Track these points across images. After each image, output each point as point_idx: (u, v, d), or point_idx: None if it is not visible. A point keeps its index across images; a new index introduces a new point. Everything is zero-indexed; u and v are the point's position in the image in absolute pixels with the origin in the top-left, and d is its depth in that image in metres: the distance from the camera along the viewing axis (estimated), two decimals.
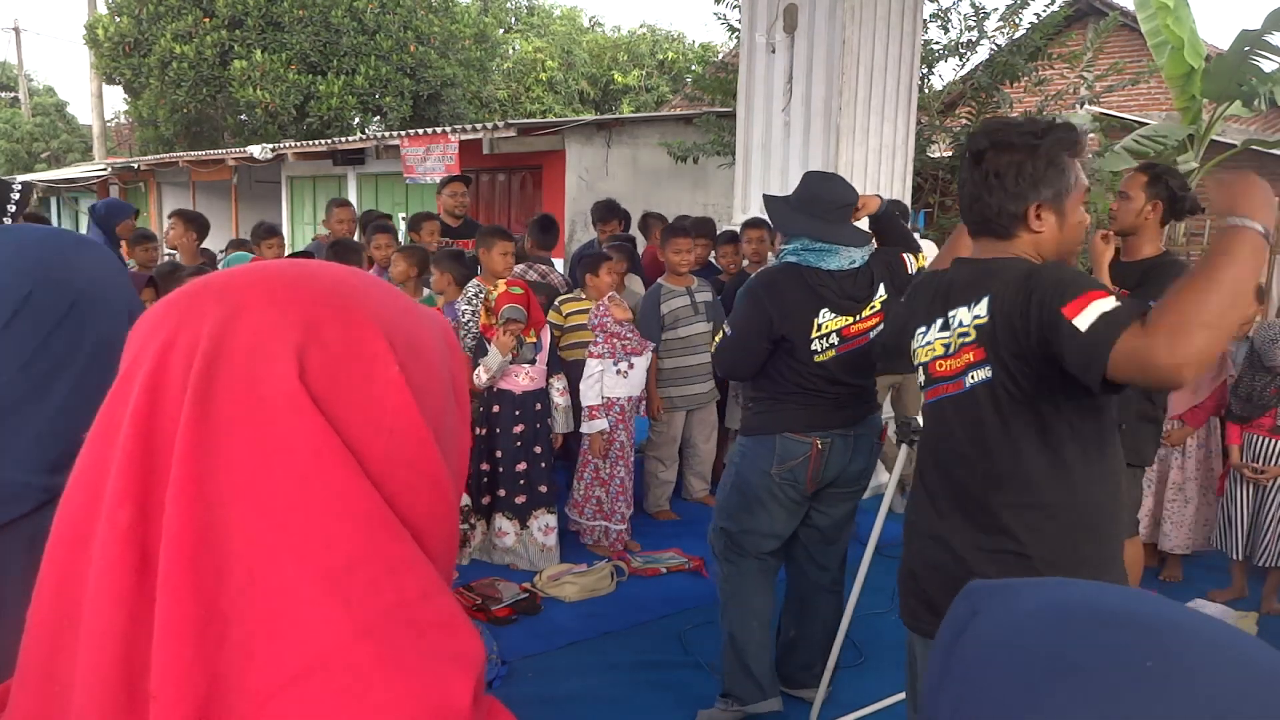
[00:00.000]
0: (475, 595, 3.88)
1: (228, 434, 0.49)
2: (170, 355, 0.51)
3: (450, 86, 18.84)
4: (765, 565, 2.99)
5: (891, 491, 3.04)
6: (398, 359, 0.54)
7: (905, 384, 5.20)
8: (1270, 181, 6.28)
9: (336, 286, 0.55)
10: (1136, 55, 11.88)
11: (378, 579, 0.49)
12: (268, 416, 0.50)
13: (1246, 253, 1.45)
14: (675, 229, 5.05)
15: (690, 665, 3.47)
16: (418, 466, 0.54)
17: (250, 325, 0.51)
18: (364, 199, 13.49)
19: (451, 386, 0.60)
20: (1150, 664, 0.42)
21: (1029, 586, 0.50)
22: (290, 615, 0.47)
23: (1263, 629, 3.87)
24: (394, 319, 0.56)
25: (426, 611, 0.51)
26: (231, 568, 0.48)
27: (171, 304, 0.54)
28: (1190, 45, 9.04)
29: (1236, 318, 1.44)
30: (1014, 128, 1.78)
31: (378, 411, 0.53)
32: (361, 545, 0.49)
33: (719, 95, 10.02)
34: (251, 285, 0.54)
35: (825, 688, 3.06)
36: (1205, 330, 1.39)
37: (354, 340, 0.53)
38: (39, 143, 30.39)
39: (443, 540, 0.57)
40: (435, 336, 0.60)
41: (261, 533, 0.48)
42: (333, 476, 0.50)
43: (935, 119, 8.89)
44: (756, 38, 6.01)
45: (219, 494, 0.48)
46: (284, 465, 0.49)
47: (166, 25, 17.18)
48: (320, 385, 0.51)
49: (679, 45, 24.57)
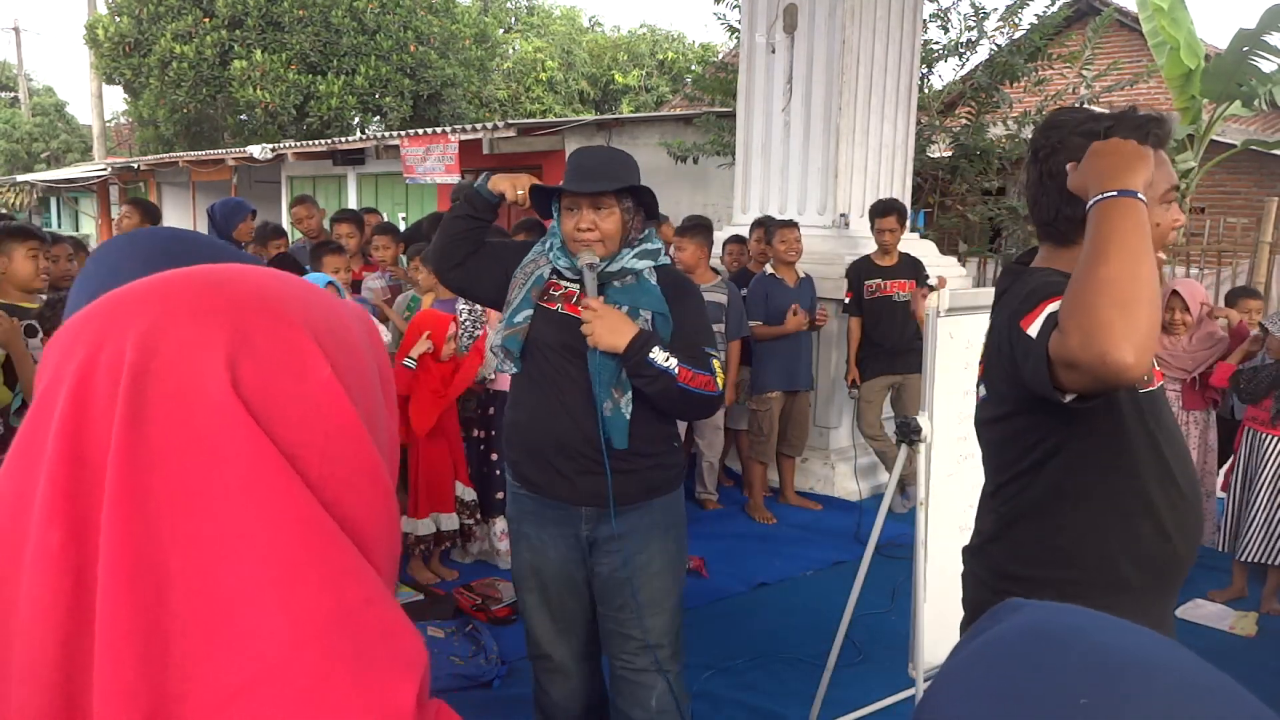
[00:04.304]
0: (475, 595, 3.88)
1: (162, 449, 0.48)
2: (94, 371, 0.50)
3: (450, 86, 18.84)
4: None
5: (891, 491, 3.03)
6: (329, 359, 0.53)
7: (905, 384, 5.20)
8: (1270, 181, 6.30)
9: (260, 291, 0.54)
10: (1136, 55, 11.88)
11: (319, 587, 0.49)
12: (202, 429, 0.49)
13: (1118, 220, 1.35)
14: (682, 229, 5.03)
15: (690, 665, 3.46)
16: (356, 464, 0.54)
17: (177, 337, 0.50)
18: (364, 199, 13.48)
19: (378, 377, 0.59)
20: (1084, 702, 0.42)
21: (1039, 609, 0.51)
22: (233, 628, 0.47)
23: (1263, 629, 3.87)
24: (320, 319, 0.55)
25: (368, 618, 0.50)
26: (173, 584, 0.47)
27: (89, 318, 0.53)
28: (1188, 46, 9.05)
29: (1146, 288, 1.31)
30: (1075, 119, 1.61)
31: (314, 415, 0.52)
32: (302, 554, 0.49)
33: (719, 95, 10.02)
34: (173, 295, 0.52)
35: (825, 687, 3.06)
36: (1117, 310, 1.27)
37: (284, 344, 0.52)
38: (39, 143, 30.38)
39: (385, 537, 0.56)
40: (358, 330, 0.59)
41: (201, 547, 0.48)
42: (271, 486, 0.49)
43: (935, 119, 8.89)
44: (756, 38, 6.01)
45: (157, 510, 0.48)
46: (221, 477, 0.49)
47: (166, 25, 17.18)
48: (254, 393, 0.50)
49: (679, 45, 24.58)
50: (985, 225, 9.59)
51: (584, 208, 2.19)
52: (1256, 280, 6.98)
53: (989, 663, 0.47)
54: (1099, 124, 1.55)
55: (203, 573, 0.47)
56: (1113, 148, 1.45)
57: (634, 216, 2.25)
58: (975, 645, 0.50)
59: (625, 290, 2.21)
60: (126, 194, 17.14)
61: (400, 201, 12.96)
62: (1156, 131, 1.54)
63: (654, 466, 2.27)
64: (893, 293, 5.15)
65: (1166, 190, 1.57)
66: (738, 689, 3.30)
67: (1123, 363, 1.25)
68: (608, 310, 2.12)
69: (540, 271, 2.27)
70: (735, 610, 3.99)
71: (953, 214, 9.36)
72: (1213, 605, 4.06)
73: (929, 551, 2.75)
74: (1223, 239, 8.18)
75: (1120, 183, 1.39)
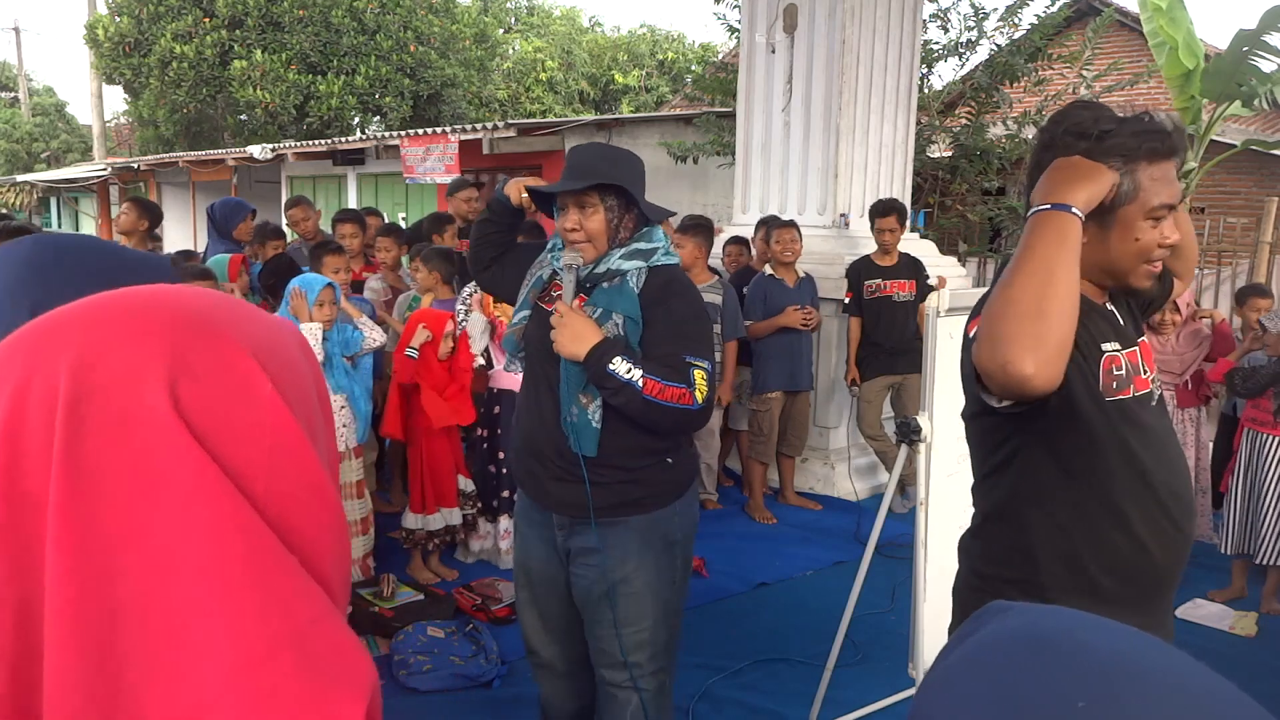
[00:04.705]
0: (475, 595, 3.88)
1: (103, 476, 0.48)
2: (26, 400, 0.49)
3: (450, 86, 18.84)
4: None
5: (891, 491, 3.03)
6: (269, 376, 0.53)
7: (905, 384, 5.20)
8: (1270, 181, 6.31)
9: (196, 310, 0.54)
10: (1136, 55, 11.88)
11: (267, 608, 0.49)
12: (143, 452, 0.48)
13: (1041, 233, 1.36)
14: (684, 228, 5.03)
15: (690, 665, 3.47)
16: (301, 479, 0.54)
17: (114, 361, 0.49)
18: (364, 199, 13.48)
19: (315, 389, 0.59)
20: (1081, 704, 0.42)
21: (1026, 612, 0.50)
22: (183, 652, 0.47)
23: (1263, 629, 3.87)
24: (257, 335, 0.55)
25: (316, 637, 0.50)
26: (124, 610, 0.47)
27: (17, 344, 0.52)
28: (1186, 46, 9.06)
29: (1057, 302, 1.30)
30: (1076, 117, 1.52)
31: (257, 431, 0.52)
32: (248, 574, 0.49)
33: (719, 95, 10.02)
34: (106, 320, 0.51)
35: (824, 687, 3.06)
36: (1022, 322, 1.28)
37: (224, 363, 0.52)
38: (39, 143, 30.38)
39: (333, 551, 0.56)
40: (294, 345, 0.59)
41: (148, 572, 0.47)
42: (215, 507, 0.49)
43: (935, 119, 8.89)
44: (756, 38, 6.01)
45: (102, 538, 0.47)
46: (165, 501, 0.48)
47: (166, 25, 17.18)
48: (196, 414, 0.50)
49: (679, 45, 24.57)
50: (985, 225, 9.59)
51: (570, 207, 2.15)
52: (1256, 280, 6.98)
53: (980, 667, 0.47)
54: (1097, 125, 1.49)
55: (151, 598, 0.47)
56: (1067, 163, 1.45)
57: (620, 215, 2.15)
58: (964, 649, 0.49)
59: (605, 293, 2.13)
60: (126, 194, 17.12)
61: (400, 201, 12.96)
62: (1153, 145, 1.48)
63: (630, 481, 2.15)
64: (893, 293, 5.15)
65: (1156, 206, 1.48)
66: (738, 689, 3.30)
67: (1022, 374, 1.27)
68: (573, 317, 2.05)
69: (541, 272, 2.26)
70: (735, 610, 3.99)
71: (953, 214, 9.36)
72: (1213, 605, 4.06)
73: (929, 551, 2.75)
74: (1223, 239, 8.18)
75: (1056, 196, 1.39)
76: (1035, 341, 1.27)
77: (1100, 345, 1.54)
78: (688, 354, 2.07)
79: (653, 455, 2.18)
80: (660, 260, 2.17)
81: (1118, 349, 1.57)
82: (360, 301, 4.63)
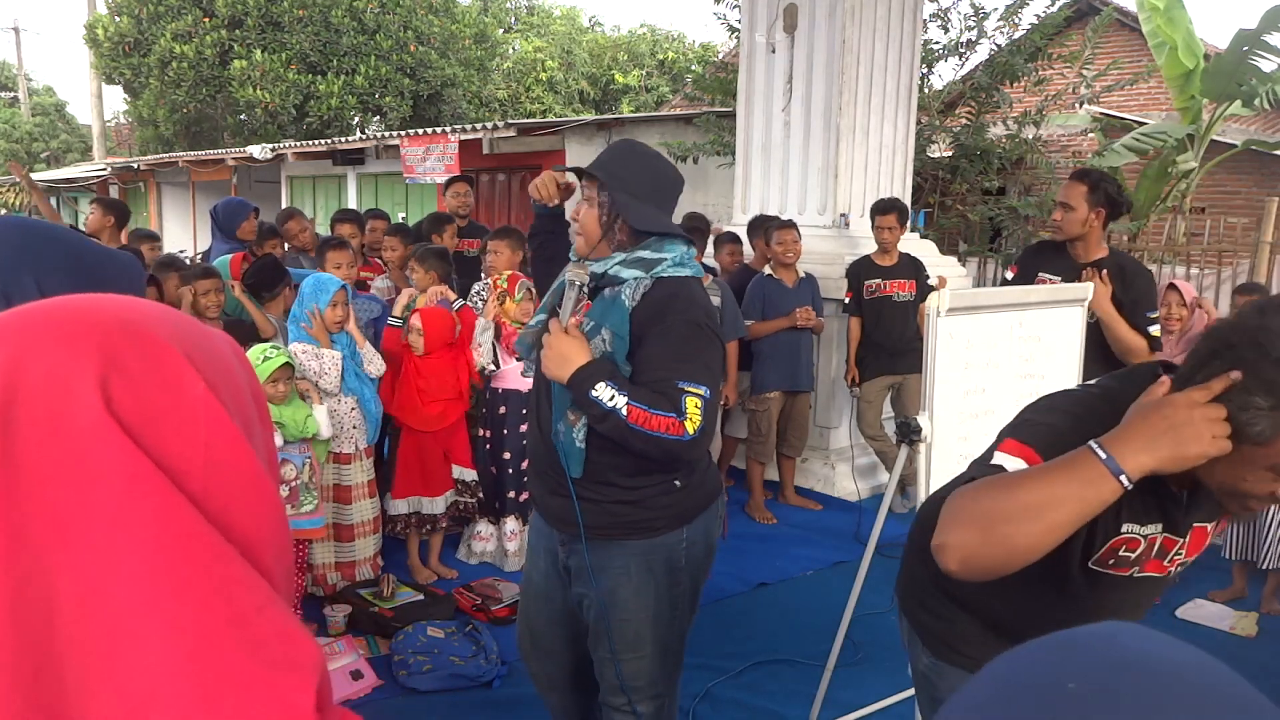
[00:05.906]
0: (475, 595, 3.88)
1: (36, 477, 0.48)
2: None
3: (450, 86, 18.84)
4: None
5: (891, 491, 3.03)
6: (201, 374, 0.54)
7: (905, 384, 5.20)
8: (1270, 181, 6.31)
9: (125, 313, 0.54)
10: (1136, 55, 11.88)
11: (208, 599, 0.49)
12: (76, 452, 0.48)
13: (1069, 476, 1.21)
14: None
15: (690, 665, 3.46)
16: (238, 473, 0.54)
17: (43, 364, 0.50)
18: (364, 199, 13.48)
19: (250, 390, 0.60)
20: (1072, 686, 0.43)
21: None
22: (127, 647, 0.47)
23: (1263, 629, 3.87)
24: (188, 336, 0.56)
25: (261, 626, 0.51)
26: (60, 609, 0.47)
27: None
28: (1186, 46, 9.06)
29: (1032, 543, 1.20)
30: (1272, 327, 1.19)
31: (191, 427, 0.52)
32: (188, 567, 0.49)
33: (719, 95, 10.02)
34: (34, 324, 0.52)
35: (825, 688, 3.06)
36: (981, 527, 1.21)
37: (156, 363, 0.52)
38: (39, 143, 30.38)
39: (273, 543, 0.56)
40: (226, 347, 0.60)
41: (86, 570, 0.47)
42: (151, 503, 0.49)
43: (935, 119, 8.90)
44: (756, 38, 6.01)
45: (38, 540, 0.47)
46: (100, 499, 0.48)
47: (166, 25, 17.17)
48: (129, 412, 0.50)
49: (679, 45, 24.57)
50: (985, 225, 9.59)
51: (581, 199, 2.12)
52: (1256, 280, 6.98)
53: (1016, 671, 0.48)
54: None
55: (90, 595, 0.47)
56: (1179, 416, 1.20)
57: (614, 215, 2.04)
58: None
59: (601, 303, 2.03)
60: (126, 194, 17.14)
61: (400, 201, 12.96)
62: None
63: (627, 502, 2.04)
64: (893, 293, 5.15)
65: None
66: (738, 689, 3.30)
67: (945, 565, 1.25)
68: (559, 338, 1.96)
69: (563, 278, 2.17)
70: (735, 610, 3.99)
71: (953, 214, 9.36)
72: (1213, 605, 4.06)
73: None
74: (1223, 239, 8.18)
75: (1122, 449, 1.20)
76: (980, 548, 1.21)
77: (1122, 525, 1.39)
78: (682, 379, 1.91)
79: (655, 476, 2.05)
80: (667, 272, 2.02)
81: (1150, 531, 1.41)
82: (370, 300, 4.64)
